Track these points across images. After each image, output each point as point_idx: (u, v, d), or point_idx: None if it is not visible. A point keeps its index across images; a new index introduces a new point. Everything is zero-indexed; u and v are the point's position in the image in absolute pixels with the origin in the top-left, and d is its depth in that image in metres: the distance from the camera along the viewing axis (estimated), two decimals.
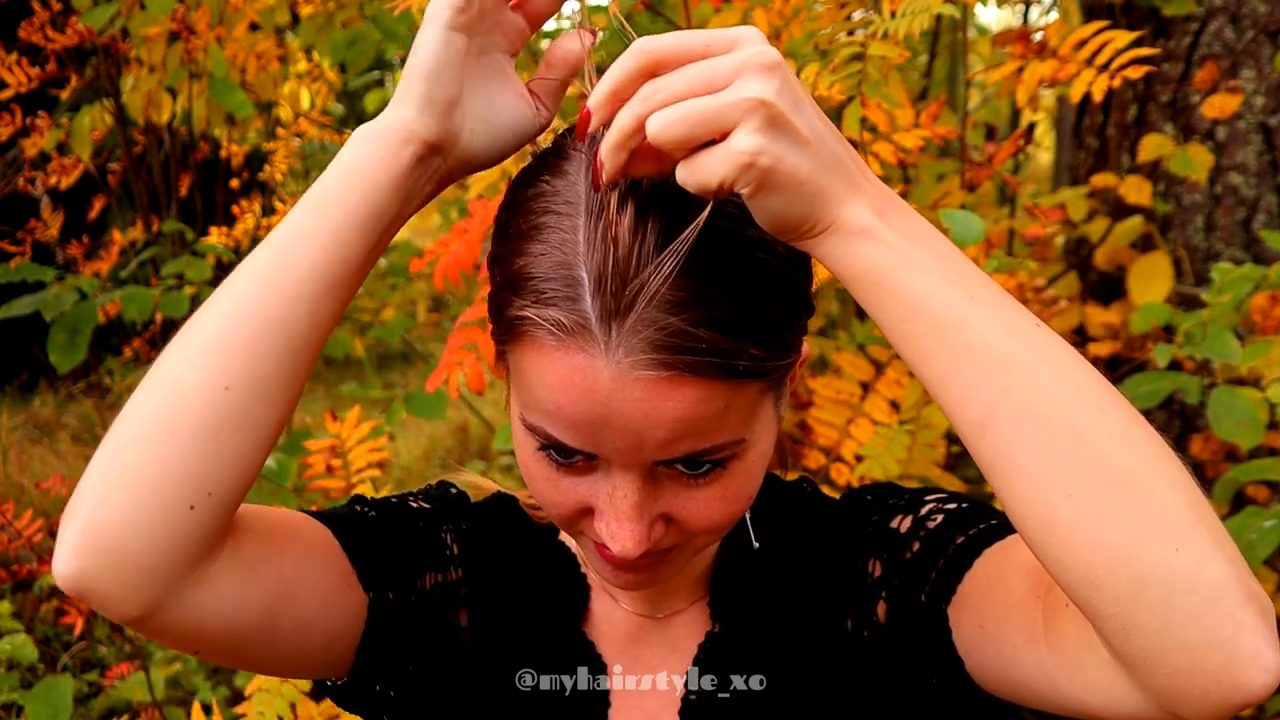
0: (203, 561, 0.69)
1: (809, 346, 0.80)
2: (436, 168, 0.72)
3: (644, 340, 0.65)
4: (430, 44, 0.69)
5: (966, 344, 0.62)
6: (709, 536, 0.77)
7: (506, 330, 0.71)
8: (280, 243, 0.70)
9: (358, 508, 0.86)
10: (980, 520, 0.80)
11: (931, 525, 0.82)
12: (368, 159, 0.70)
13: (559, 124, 1.00)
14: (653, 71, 0.61)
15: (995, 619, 0.73)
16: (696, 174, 0.61)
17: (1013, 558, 0.75)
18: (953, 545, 0.79)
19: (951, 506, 0.83)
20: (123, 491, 0.66)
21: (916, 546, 0.82)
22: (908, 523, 0.84)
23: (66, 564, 0.66)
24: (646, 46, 0.61)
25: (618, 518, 0.71)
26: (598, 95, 0.62)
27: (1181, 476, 0.60)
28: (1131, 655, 0.60)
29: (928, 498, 0.85)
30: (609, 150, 0.62)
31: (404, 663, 0.84)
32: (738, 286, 0.67)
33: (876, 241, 0.63)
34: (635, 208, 0.66)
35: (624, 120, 0.61)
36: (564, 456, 0.72)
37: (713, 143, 0.60)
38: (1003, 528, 0.79)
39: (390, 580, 0.82)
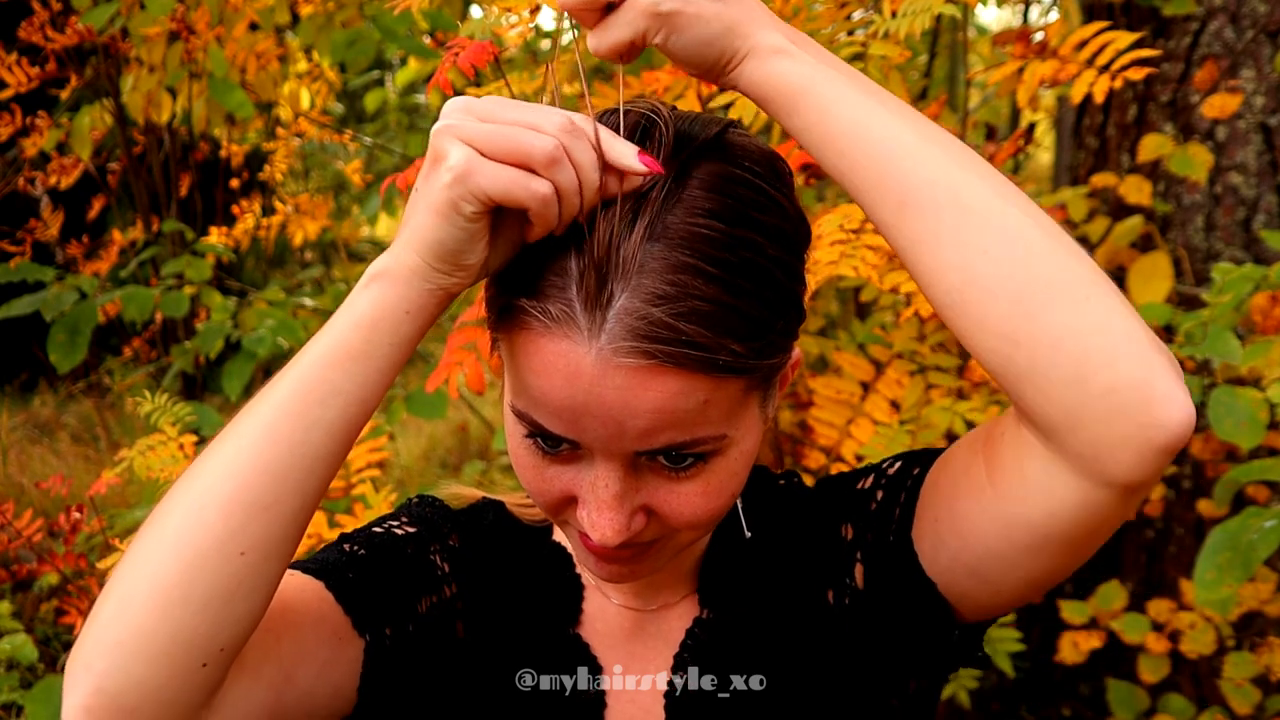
0: (213, 698, 0.69)
1: (799, 350, 0.81)
2: (457, 296, 0.72)
3: (626, 329, 0.66)
4: (455, 229, 0.66)
5: (879, 138, 0.68)
6: (691, 532, 0.77)
7: (499, 318, 0.73)
8: (297, 403, 0.68)
9: (346, 546, 0.86)
10: (933, 454, 0.82)
11: (890, 472, 0.84)
12: (392, 307, 0.68)
13: None
14: None
15: (945, 502, 0.76)
16: (610, 36, 0.68)
17: (952, 451, 0.78)
18: (910, 478, 0.81)
19: (907, 454, 0.85)
20: (133, 656, 0.65)
21: (880, 495, 0.84)
22: (870, 480, 0.86)
23: None
24: None
25: (598, 506, 0.72)
26: None
27: (1084, 254, 0.66)
28: (1054, 418, 0.65)
29: (888, 457, 0.87)
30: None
31: (406, 689, 0.85)
32: (722, 283, 0.67)
33: (791, 58, 0.70)
34: (623, 203, 0.67)
35: None
36: (550, 444, 0.73)
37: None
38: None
39: (386, 617, 0.83)
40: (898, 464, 0.85)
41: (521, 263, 0.70)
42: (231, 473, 0.67)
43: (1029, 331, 0.64)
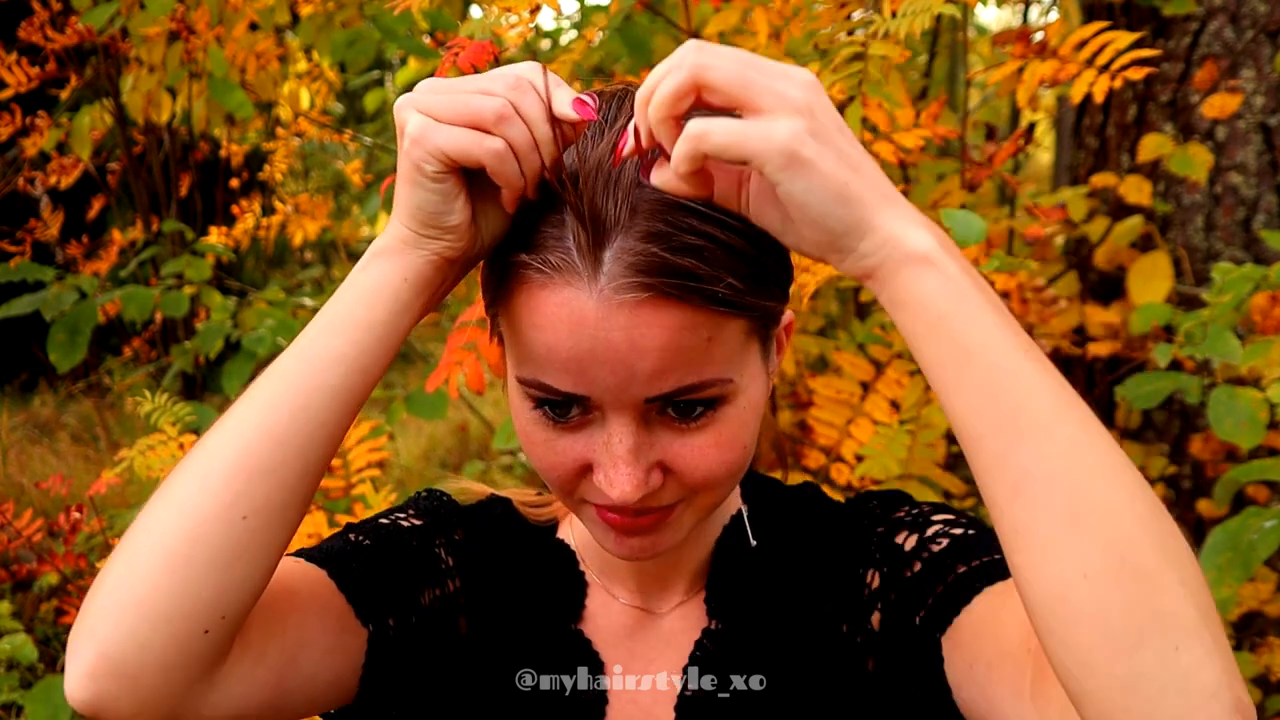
0: (216, 670, 0.70)
1: (791, 313, 0.82)
2: (459, 265, 0.73)
3: (625, 266, 0.67)
4: (426, 192, 0.68)
5: (1016, 403, 0.60)
6: (708, 492, 0.77)
7: (499, 283, 0.74)
8: (300, 367, 0.70)
9: (351, 536, 0.87)
10: (984, 553, 0.79)
11: (935, 549, 0.81)
12: (390, 275, 0.71)
13: None
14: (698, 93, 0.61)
15: (985, 663, 0.73)
16: (720, 136, 0.60)
17: (1010, 604, 0.73)
18: (953, 574, 0.78)
19: (958, 532, 0.81)
20: (137, 618, 0.66)
21: (918, 567, 0.81)
22: (912, 541, 0.83)
23: (82, 688, 0.67)
24: (700, 66, 0.61)
25: (614, 463, 0.72)
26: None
27: (1193, 573, 0.59)
28: None
29: (935, 517, 0.84)
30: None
31: (407, 681, 0.85)
32: (712, 221, 0.69)
33: (938, 272, 0.62)
34: (609, 161, 0.69)
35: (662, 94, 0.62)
36: (559, 412, 0.73)
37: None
38: (1005, 565, 0.78)
39: (389, 607, 0.83)
40: (943, 542, 0.81)
41: (515, 225, 0.72)
42: (236, 438, 0.69)
43: (1107, 668, 0.58)
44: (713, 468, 0.74)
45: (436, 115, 0.67)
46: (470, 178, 0.69)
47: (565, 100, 0.67)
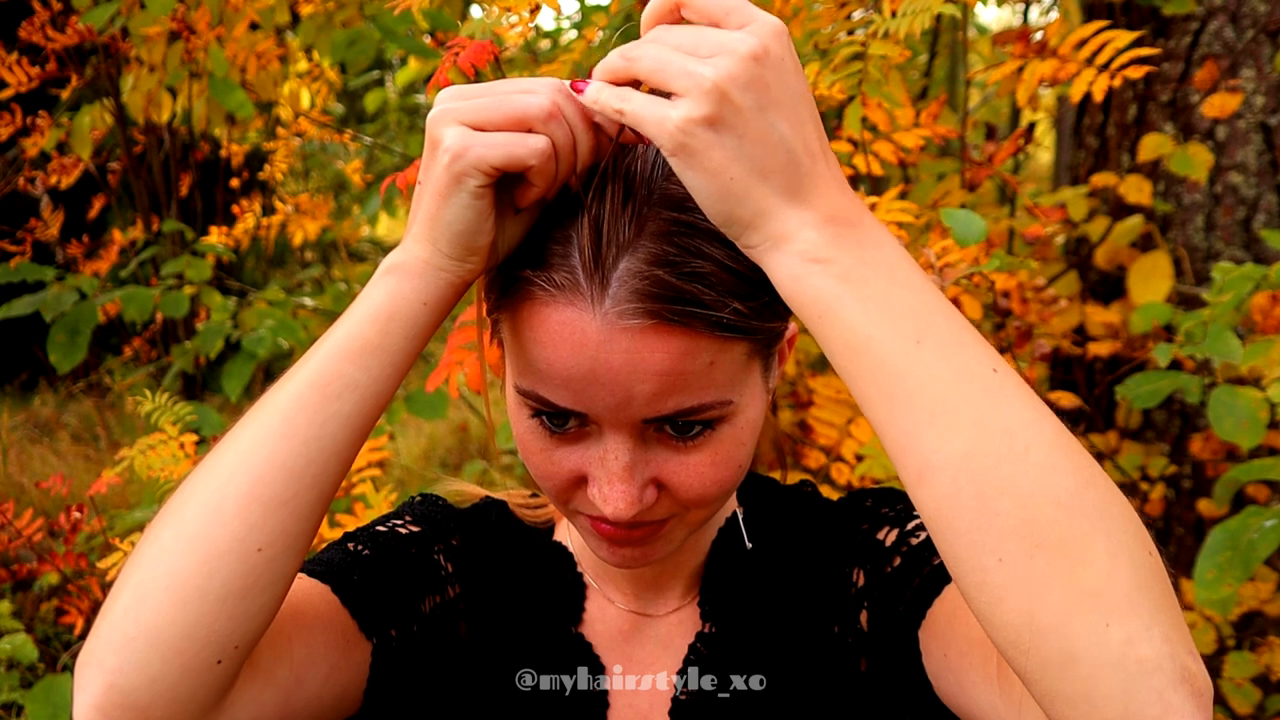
0: (225, 697, 0.69)
1: (795, 325, 0.81)
2: (470, 285, 0.72)
3: (630, 291, 0.67)
4: (462, 208, 0.66)
5: (907, 392, 0.60)
6: (701, 509, 0.77)
7: (501, 296, 0.73)
8: (314, 394, 0.68)
9: (349, 546, 0.86)
10: None
11: (914, 542, 0.81)
12: (408, 300, 0.68)
13: None
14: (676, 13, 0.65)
15: (957, 651, 0.73)
16: (634, 107, 0.62)
17: None
18: (929, 566, 0.79)
19: None
20: (148, 650, 0.64)
21: (897, 562, 0.82)
22: (893, 536, 0.84)
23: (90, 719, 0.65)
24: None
25: (609, 479, 0.72)
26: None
27: (1129, 543, 0.57)
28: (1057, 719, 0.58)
29: (915, 512, 0.84)
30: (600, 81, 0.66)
31: (409, 690, 0.85)
32: (721, 243, 0.68)
33: (824, 268, 0.61)
34: (626, 176, 0.68)
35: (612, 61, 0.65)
36: (556, 422, 0.73)
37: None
38: None
39: (391, 619, 0.83)
40: (921, 535, 0.81)
41: (524, 239, 0.71)
42: (248, 468, 0.67)
43: (1037, 649, 0.56)
44: (707, 486, 0.74)
45: (478, 121, 0.64)
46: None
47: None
